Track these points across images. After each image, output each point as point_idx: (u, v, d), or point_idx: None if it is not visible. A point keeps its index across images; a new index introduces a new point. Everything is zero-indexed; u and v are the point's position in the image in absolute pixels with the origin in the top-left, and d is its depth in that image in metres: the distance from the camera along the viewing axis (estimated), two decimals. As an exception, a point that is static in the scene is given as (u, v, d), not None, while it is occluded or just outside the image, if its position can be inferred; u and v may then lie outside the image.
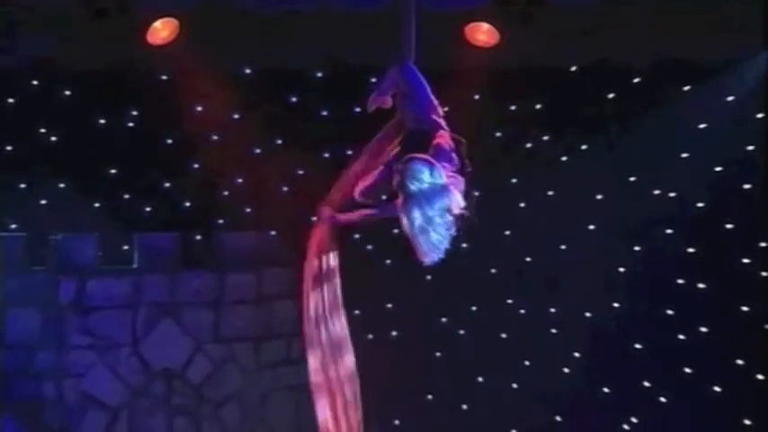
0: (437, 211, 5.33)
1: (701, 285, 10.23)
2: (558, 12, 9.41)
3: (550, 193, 10.53)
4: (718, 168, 10.14)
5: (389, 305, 10.56)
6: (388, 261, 10.39)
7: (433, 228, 5.33)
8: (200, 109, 10.04)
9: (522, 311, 10.60)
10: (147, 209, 10.21)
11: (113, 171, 10.08)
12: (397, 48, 6.41)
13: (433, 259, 5.40)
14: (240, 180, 10.36)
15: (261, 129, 10.18)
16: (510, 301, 10.58)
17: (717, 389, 10.18)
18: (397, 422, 10.57)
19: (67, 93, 9.87)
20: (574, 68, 10.13)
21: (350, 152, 9.41)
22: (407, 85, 6.06)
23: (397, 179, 5.41)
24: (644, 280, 10.41)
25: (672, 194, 10.28)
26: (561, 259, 10.54)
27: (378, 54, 6.95)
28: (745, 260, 10.14)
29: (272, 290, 10.49)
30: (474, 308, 10.57)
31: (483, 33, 9.70)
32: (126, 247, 10.16)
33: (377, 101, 6.30)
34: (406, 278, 9.93)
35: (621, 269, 10.50)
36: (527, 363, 10.64)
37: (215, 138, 10.18)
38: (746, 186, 10.13)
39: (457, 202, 5.42)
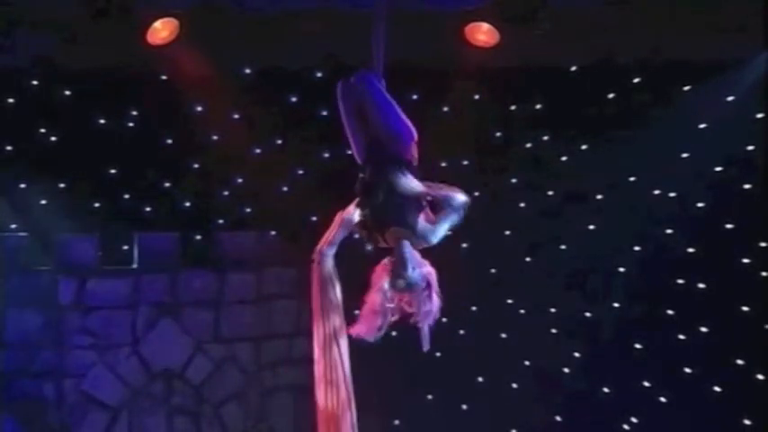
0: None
1: (701, 285, 10.23)
2: (558, 12, 9.41)
3: (550, 193, 10.53)
4: (718, 168, 10.14)
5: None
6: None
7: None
8: (200, 109, 10.04)
9: (522, 311, 10.60)
10: (147, 209, 10.21)
11: (113, 171, 10.08)
12: (396, 47, 6.42)
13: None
14: (240, 180, 10.35)
15: (261, 129, 10.17)
16: (510, 301, 10.58)
17: (717, 389, 10.18)
18: (397, 422, 10.57)
19: (67, 93, 9.86)
20: (574, 68, 10.12)
21: (350, 152, 9.42)
22: (367, 94, 6.08)
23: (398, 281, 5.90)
24: (644, 280, 10.41)
25: (672, 194, 10.28)
26: (561, 259, 10.54)
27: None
28: (745, 260, 10.14)
29: (272, 290, 10.49)
30: (474, 308, 10.57)
31: (483, 33, 9.70)
32: (126, 247, 10.16)
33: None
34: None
35: (621, 269, 10.50)
36: (527, 363, 10.64)
37: (215, 138, 10.18)
38: (746, 186, 10.13)
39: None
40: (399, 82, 6.49)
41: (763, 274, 10.09)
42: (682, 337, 10.33)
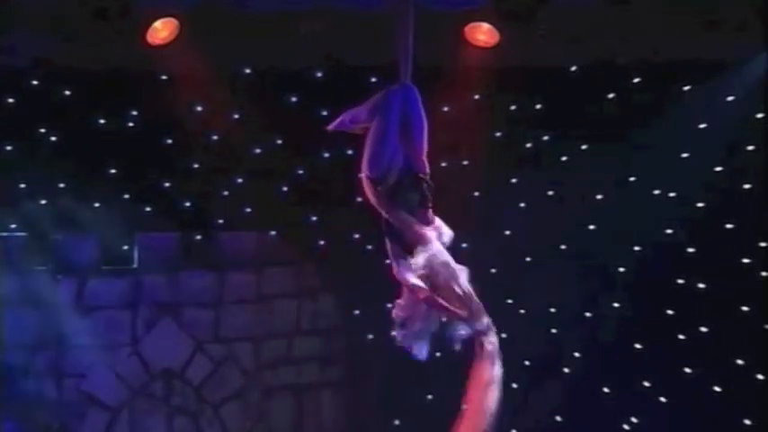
0: None
1: (701, 285, 10.23)
2: (558, 12, 9.40)
3: (550, 193, 10.53)
4: (719, 168, 10.14)
5: (389, 305, 10.53)
6: (388, 261, 10.37)
7: None
8: (200, 109, 10.03)
9: (522, 311, 10.60)
10: (147, 209, 10.21)
11: (113, 171, 10.08)
12: (396, 47, 6.40)
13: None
14: (240, 180, 10.35)
15: (261, 129, 10.17)
16: (510, 301, 10.58)
17: (717, 389, 10.18)
18: (397, 422, 10.56)
19: (67, 93, 9.86)
20: (574, 68, 10.12)
21: (350, 152, 9.43)
22: (409, 115, 6.04)
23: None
24: (644, 280, 10.41)
25: (672, 194, 10.28)
26: (561, 259, 10.53)
27: (378, 54, 6.94)
28: (745, 260, 10.14)
29: (272, 290, 10.49)
30: (474, 308, 10.54)
31: (483, 33, 9.69)
32: (126, 247, 10.16)
33: (345, 125, 6.27)
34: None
35: (621, 269, 10.50)
36: (527, 363, 10.64)
37: (215, 138, 10.18)
38: (746, 186, 10.13)
39: None
40: (399, 82, 6.48)
41: (763, 274, 10.09)
42: (682, 337, 10.33)
